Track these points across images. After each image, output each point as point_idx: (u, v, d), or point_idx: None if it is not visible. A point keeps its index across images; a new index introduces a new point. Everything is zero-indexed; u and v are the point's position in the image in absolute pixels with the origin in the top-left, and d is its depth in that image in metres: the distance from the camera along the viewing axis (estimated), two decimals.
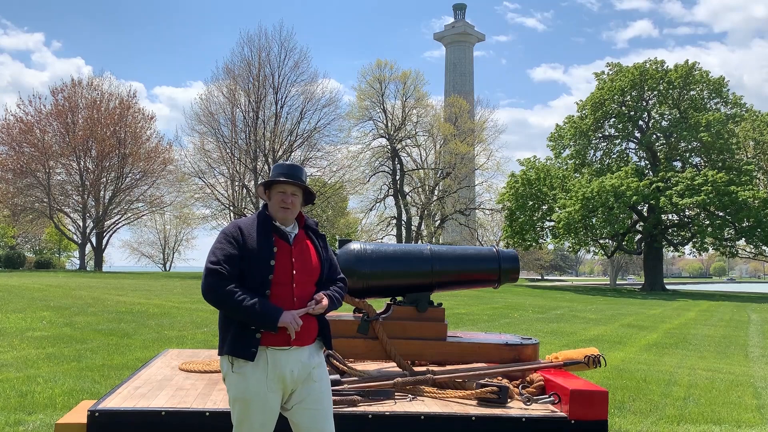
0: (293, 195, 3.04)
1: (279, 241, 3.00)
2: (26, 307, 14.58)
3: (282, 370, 2.92)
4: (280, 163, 3.14)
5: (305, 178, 3.12)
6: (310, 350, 3.02)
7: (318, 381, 3.02)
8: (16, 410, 5.80)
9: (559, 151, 47.65)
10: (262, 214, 3.07)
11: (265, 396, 2.90)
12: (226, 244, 2.95)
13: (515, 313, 19.50)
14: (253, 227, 3.00)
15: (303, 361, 2.97)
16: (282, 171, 3.07)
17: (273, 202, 3.05)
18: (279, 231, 3.03)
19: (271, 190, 3.07)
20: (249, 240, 2.95)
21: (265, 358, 2.91)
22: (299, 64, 43.00)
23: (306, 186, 3.09)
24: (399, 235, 51.14)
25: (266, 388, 2.90)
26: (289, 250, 3.00)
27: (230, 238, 2.96)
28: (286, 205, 3.02)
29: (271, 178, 3.08)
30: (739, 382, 8.72)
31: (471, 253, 5.42)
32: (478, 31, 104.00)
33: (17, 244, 56.57)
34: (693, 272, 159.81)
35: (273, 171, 3.11)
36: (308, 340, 3.00)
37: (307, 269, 3.04)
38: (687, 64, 43.15)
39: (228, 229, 3.02)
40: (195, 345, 10.07)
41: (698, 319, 20.59)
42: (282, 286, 2.94)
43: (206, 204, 44.20)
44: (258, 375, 2.89)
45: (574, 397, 4.04)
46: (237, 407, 2.94)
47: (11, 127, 44.14)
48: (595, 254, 51.26)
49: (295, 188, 3.04)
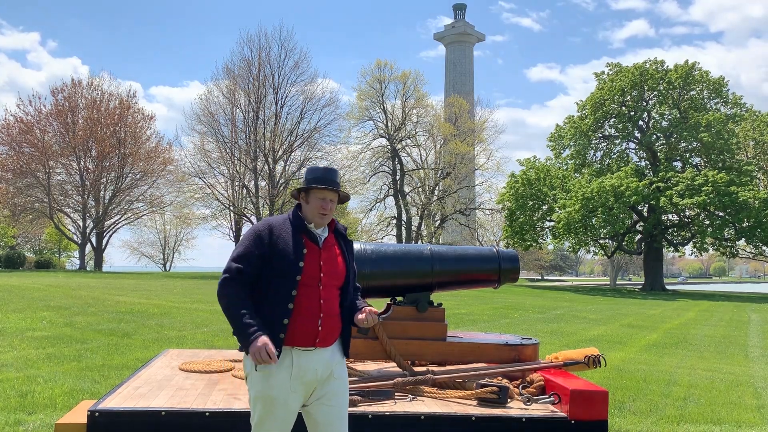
0: (332, 201, 3.06)
1: (309, 243, 3.01)
2: (26, 307, 14.57)
3: (305, 371, 2.94)
4: (317, 167, 3.13)
5: (339, 180, 3.14)
6: (332, 350, 3.06)
7: (338, 378, 3.06)
8: (16, 410, 5.80)
9: (559, 151, 47.66)
10: (295, 215, 3.08)
11: (287, 396, 2.92)
12: (251, 243, 2.97)
13: (515, 313, 19.49)
14: (285, 227, 3.01)
15: (326, 360, 3.01)
16: (321, 175, 3.06)
17: (311, 207, 3.05)
18: (310, 233, 3.04)
19: (308, 194, 3.06)
20: (279, 240, 2.97)
21: (290, 358, 2.93)
22: (299, 64, 43.07)
23: (343, 192, 3.13)
24: (399, 235, 51.13)
25: (289, 389, 2.92)
26: (318, 253, 3.02)
27: (258, 236, 2.98)
28: (325, 211, 3.03)
29: (309, 182, 3.07)
30: (739, 382, 8.72)
31: (471, 253, 5.42)
32: (478, 31, 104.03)
33: (17, 244, 56.57)
34: (693, 272, 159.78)
35: (310, 174, 3.09)
36: (331, 341, 3.04)
37: (334, 273, 3.05)
38: (687, 64, 43.15)
39: (258, 227, 3.03)
40: (195, 345, 10.08)
41: (698, 319, 20.59)
42: (309, 287, 2.96)
43: (206, 204, 44.22)
44: (282, 375, 2.91)
45: (574, 397, 4.04)
46: (258, 406, 2.94)
47: (11, 127, 44.12)
48: (595, 254, 51.26)
49: (333, 194, 3.07)
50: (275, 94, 42.56)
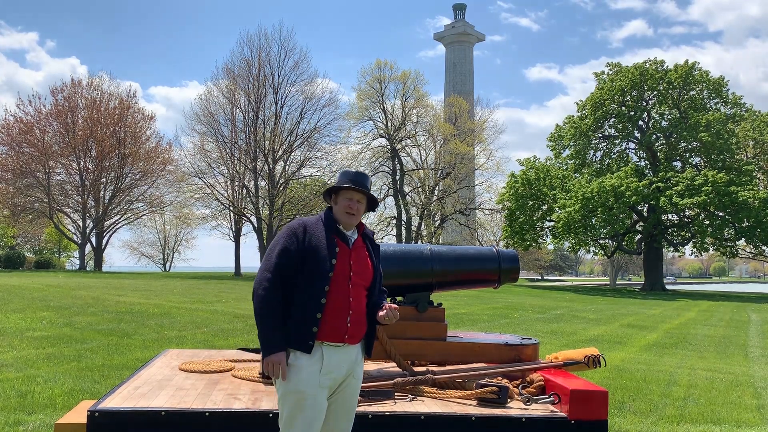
0: (359, 202, 3.18)
1: (340, 243, 3.13)
2: (26, 307, 14.57)
3: (334, 366, 3.03)
4: (348, 170, 3.27)
5: (370, 186, 3.27)
6: (358, 348, 3.17)
7: (356, 378, 3.17)
8: (16, 410, 5.80)
9: (559, 151, 47.66)
10: (327, 215, 3.21)
11: (316, 391, 2.98)
12: (288, 240, 3.08)
13: (515, 313, 19.49)
14: (318, 226, 3.14)
15: (352, 357, 3.12)
16: (350, 178, 3.21)
17: (339, 207, 3.18)
18: (341, 234, 3.16)
19: (338, 196, 3.20)
20: (312, 238, 3.08)
21: (320, 352, 3.01)
22: (299, 64, 43.08)
23: (371, 194, 3.22)
24: (399, 235, 51.12)
25: (318, 384, 2.99)
26: (348, 253, 3.14)
27: (294, 234, 3.10)
28: (352, 211, 3.15)
29: (338, 183, 3.20)
30: (739, 382, 8.72)
31: (471, 253, 5.41)
32: (478, 31, 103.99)
33: (17, 244, 56.57)
34: (693, 272, 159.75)
35: (340, 177, 3.24)
36: (358, 339, 3.14)
37: (363, 273, 3.17)
38: (687, 64, 43.16)
39: (293, 226, 3.16)
40: (195, 345, 10.08)
41: (698, 319, 20.59)
42: (340, 285, 3.06)
43: (206, 204, 44.25)
44: (312, 368, 2.98)
45: (574, 397, 4.04)
46: (289, 401, 2.99)
47: (11, 127, 44.13)
48: (595, 254, 51.26)
49: (361, 195, 3.19)
50: (275, 94, 42.60)
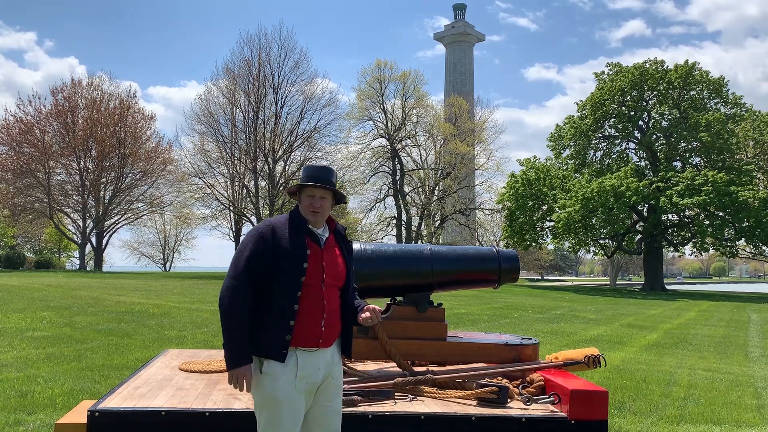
0: (322, 198, 3.05)
1: (311, 244, 3.02)
2: (26, 307, 14.57)
3: (309, 371, 2.95)
4: (310, 165, 3.14)
5: (335, 180, 3.13)
6: (332, 350, 3.08)
7: (335, 378, 3.09)
8: (16, 410, 5.80)
9: (559, 152, 47.67)
10: (296, 214, 3.08)
11: (293, 397, 2.91)
12: (256, 245, 2.95)
13: (515, 313, 19.49)
14: (287, 228, 3.01)
15: (327, 360, 3.03)
16: (311, 173, 3.07)
17: (303, 205, 3.07)
18: (311, 234, 3.05)
19: (301, 193, 3.08)
20: (282, 240, 2.96)
21: (294, 358, 2.92)
22: (299, 64, 43.06)
23: (335, 190, 3.10)
24: (399, 235, 51.13)
25: (294, 389, 2.91)
26: (320, 253, 3.02)
27: (262, 238, 2.96)
28: (315, 209, 3.03)
29: (300, 180, 3.10)
30: (739, 382, 8.72)
31: (471, 253, 5.41)
32: (478, 31, 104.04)
33: (17, 244, 56.58)
34: (693, 272, 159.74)
35: (303, 172, 3.12)
36: (332, 341, 3.06)
37: (336, 274, 3.07)
38: (687, 65, 43.17)
39: (261, 229, 3.02)
40: (195, 345, 10.08)
41: (698, 319, 20.59)
42: (313, 288, 2.97)
43: (206, 204, 44.21)
44: (287, 375, 2.90)
45: (574, 397, 4.04)
46: (266, 409, 2.92)
47: (11, 127, 44.13)
48: (595, 254, 51.27)
49: (324, 191, 3.05)
50: (275, 94, 42.58)
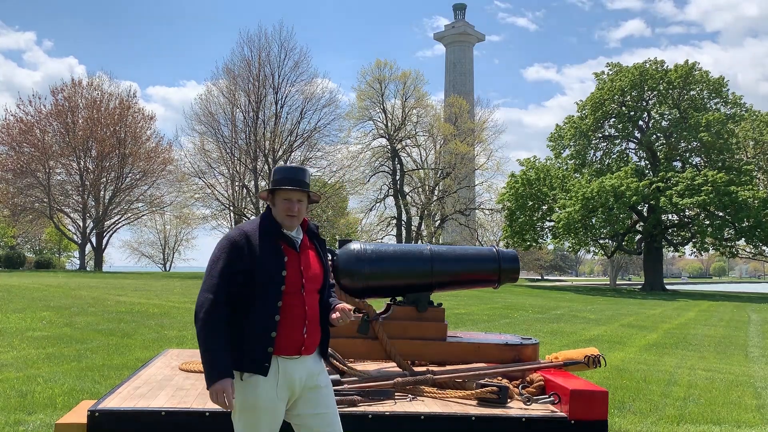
0: (299, 201, 2.93)
1: (288, 249, 2.91)
2: (26, 307, 14.57)
3: (291, 378, 2.89)
4: (282, 167, 2.99)
5: (308, 180, 3.01)
6: (314, 358, 3.01)
7: (324, 386, 3.02)
8: (16, 410, 5.80)
9: (559, 152, 47.66)
10: (268, 219, 2.95)
11: (274, 404, 2.86)
12: (230, 257, 2.84)
13: (515, 313, 19.49)
14: (260, 235, 2.88)
15: (309, 368, 2.96)
16: (286, 176, 2.93)
17: (278, 209, 2.93)
18: (287, 239, 2.93)
19: (275, 196, 2.94)
20: (257, 249, 2.84)
21: (276, 366, 2.86)
22: (299, 64, 43.03)
23: (311, 191, 2.99)
24: (399, 235, 51.12)
25: (276, 397, 2.86)
26: (297, 258, 2.93)
27: (236, 248, 2.85)
28: (293, 213, 2.91)
29: (273, 182, 2.95)
30: (739, 382, 8.72)
31: (471, 253, 5.41)
32: (477, 31, 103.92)
33: (17, 244, 56.57)
34: (693, 272, 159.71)
35: (275, 174, 2.96)
36: (314, 348, 3.00)
37: (314, 277, 2.98)
38: (687, 64, 43.17)
39: (233, 237, 2.88)
40: (195, 345, 10.05)
41: (698, 319, 20.59)
42: (293, 295, 2.88)
43: (206, 204, 44.21)
44: (269, 384, 2.84)
45: (574, 397, 4.04)
46: (245, 417, 2.87)
47: (11, 127, 44.12)
48: (595, 254, 51.26)
49: (300, 194, 2.93)
50: (275, 94, 42.56)
